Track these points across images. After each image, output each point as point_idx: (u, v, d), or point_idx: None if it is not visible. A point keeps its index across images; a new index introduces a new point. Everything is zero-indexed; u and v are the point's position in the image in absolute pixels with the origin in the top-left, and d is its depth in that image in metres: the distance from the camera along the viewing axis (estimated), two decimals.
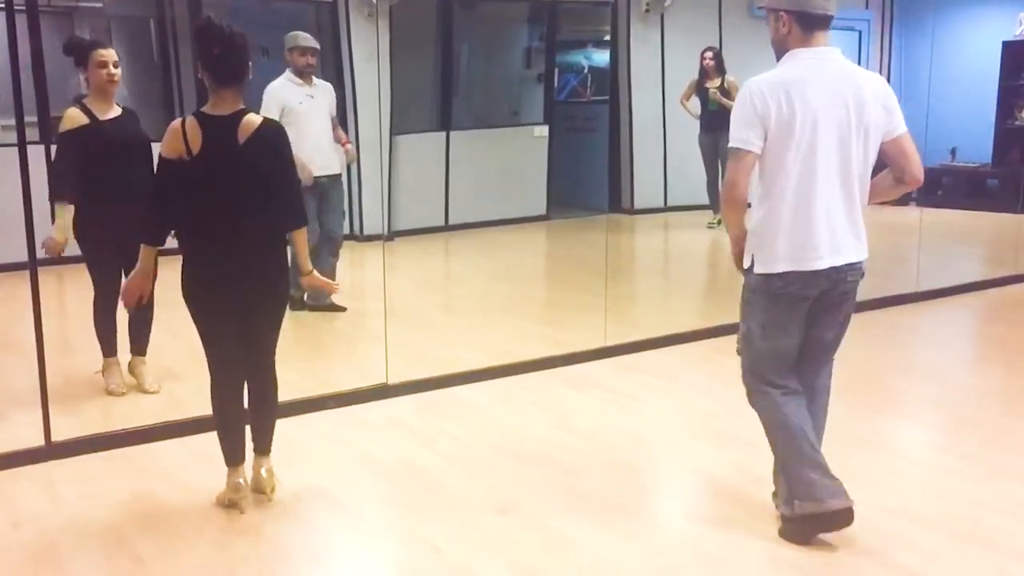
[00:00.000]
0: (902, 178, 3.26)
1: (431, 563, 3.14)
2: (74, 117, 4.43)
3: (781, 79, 3.04)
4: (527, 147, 10.31)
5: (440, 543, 3.24)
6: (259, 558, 3.21)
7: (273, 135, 3.37)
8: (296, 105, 5.85)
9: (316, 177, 5.87)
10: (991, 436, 4.24)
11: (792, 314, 3.15)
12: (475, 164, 9.84)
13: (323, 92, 6.08)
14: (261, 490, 3.56)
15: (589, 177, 10.93)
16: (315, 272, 3.63)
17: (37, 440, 3.98)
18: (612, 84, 10.89)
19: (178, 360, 4.96)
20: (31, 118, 6.72)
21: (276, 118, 5.65)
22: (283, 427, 4.22)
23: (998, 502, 3.54)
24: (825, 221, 3.07)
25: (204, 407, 4.15)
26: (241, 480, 3.50)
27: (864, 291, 3.41)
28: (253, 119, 3.33)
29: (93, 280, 4.59)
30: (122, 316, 4.58)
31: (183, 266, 3.40)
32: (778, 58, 3.14)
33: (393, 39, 8.91)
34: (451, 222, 9.73)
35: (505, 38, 11.30)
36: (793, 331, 3.18)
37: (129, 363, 4.76)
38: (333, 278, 6.00)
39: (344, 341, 6.03)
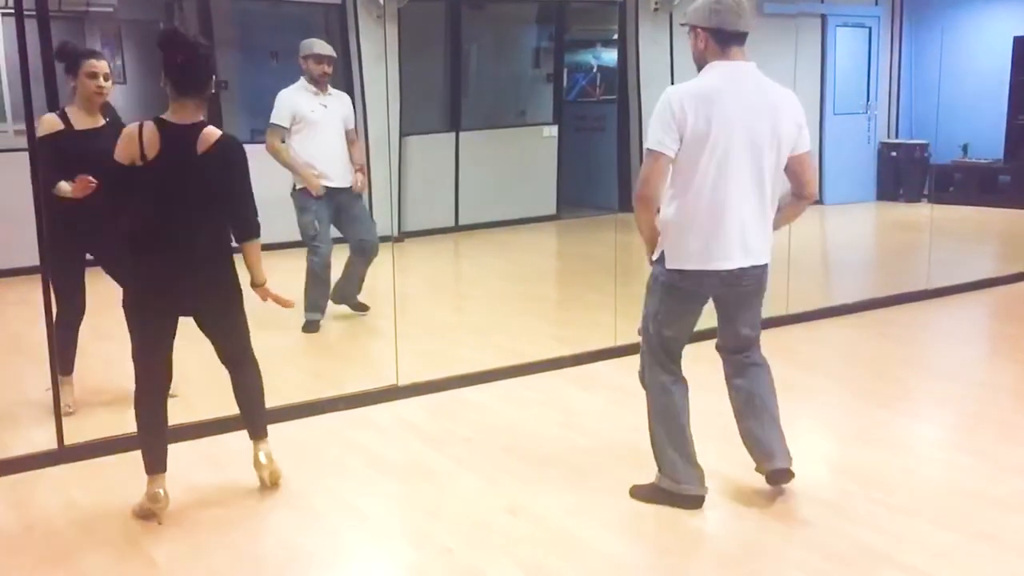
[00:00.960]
0: (801, 192, 3.43)
1: (442, 564, 3.14)
2: (49, 123, 4.30)
3: (699, 88, 3.21)
4: (536, 147, 10.32)
5: (451, 544, 3.25)
6: (271, 560, 3.23)
7: (232, 148, 3.39)
8: (309, 113, 5.74)
9: (328, 187, 5.74)
10: (1004, 433, 4.22)
11: (685, 306, 3.38)
12: (485, 164, 9.85)
13: (339, 102, 5.93)
14: (262, 477, 3.63)
15: (599, 176, 10.93)
16: (267, 285, 3.59)
17: (50, 444, 4.00)
18: (621, 83, 10.88)
19: (188, 364, 4.97)
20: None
21: (287, 125, 5.69)
22: (293, 429, 4.25)
23: (1011, 499, 3.53)
24: (737, 224, 3.23)
25: (215, 410, 4.21)
26: (160, 491, 3.43)
27: (875, 287, 3.45)
28: (213, 131, 3.35)
29: (56, 291, 4.31)
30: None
31: (131, 272, 3.43)
32: (699, 71, 3.31)
33: (402, 40, 8.92)
34: (461, 222, 9.74)
35: (514, 38, 11.31)
36: (687, 322, 3.41)
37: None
38: (361, 285, 6.09)
39: (354, 342, 6.05)
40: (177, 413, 4.37)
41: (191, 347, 3.62)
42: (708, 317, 3.53)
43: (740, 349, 3.54)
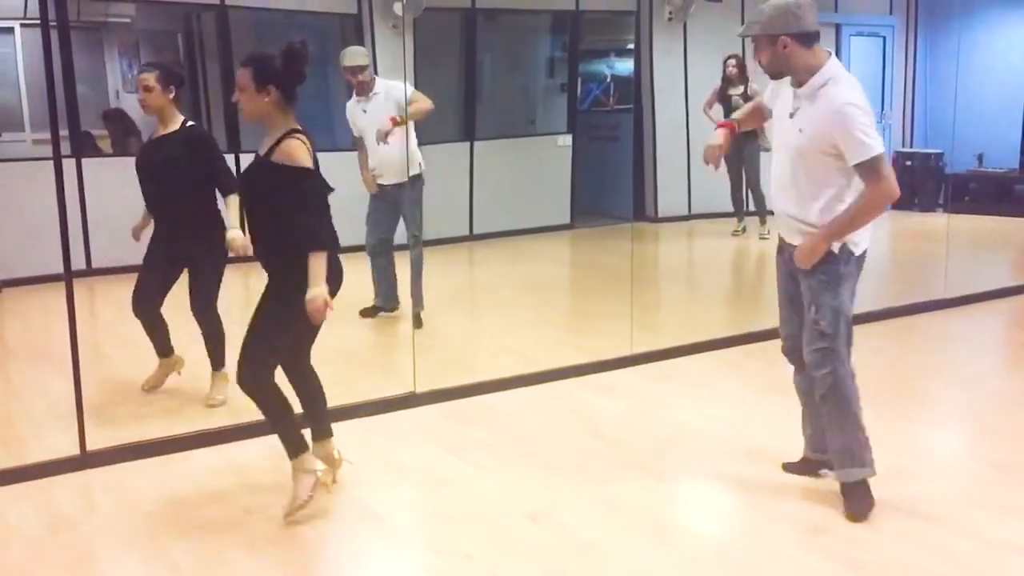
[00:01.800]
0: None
1: (463, 570, 3.15)
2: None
3: (860, 90, 3.30)
4: (551, 156, 10.33)
5: (472, 550, 3.26)
6: (293, 565, 3.24)
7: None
8: (360, 120, 6.09)
9: (382, 185, 6.11)
10: (1022, 442, 4.20)
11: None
12: (499, 174, 9.87)
13: (382, 98, 6.05)
14: (335, 474, 3.78)
15: (613, 186, 10.93)
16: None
17: (73, 449, 4.03)
18: (635, 92, 10.90)
19: (207, 368, 5.02)
20: (62, 132, 6.83)
21: (356, 134, 6.18)
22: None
23: None
24: None
25: (236, 417, 4.23)
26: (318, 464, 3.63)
27: (893, 297, 3.47)
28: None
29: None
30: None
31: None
32: (776, 76, 3.41)
33: (417, 50, 8.96)
34: (476, 231, 9.75)
35: (528, 48, 11.34)
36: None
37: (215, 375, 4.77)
38: (418, 283, 6.16)
39: (372, 350, 6.07)
40: (198, 419, 4.42)
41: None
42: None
43: (810, 341, 3.51)
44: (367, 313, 6.32)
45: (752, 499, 3.62)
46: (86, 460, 4.02)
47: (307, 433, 3.69)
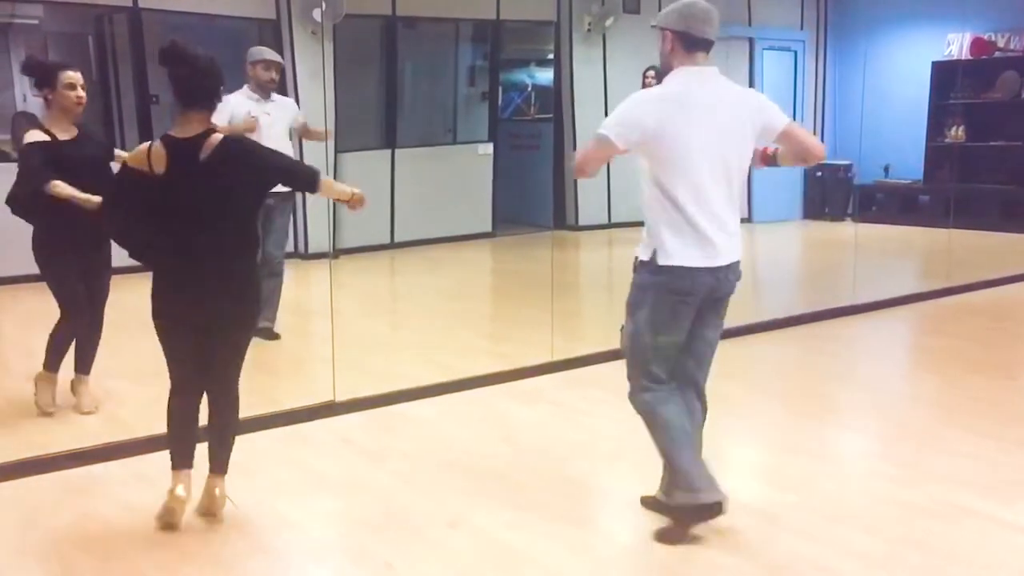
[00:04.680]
0: (808, 159, 3.55)
1: None
2: (36, 134, 4.36)
3: (666, 93, 3.30)
4: (472, 164, 10.36)
5: (391, 559, 3.24)
6: None
7: (232, 144, 3.43)
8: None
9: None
10: (926, 443, 4.36)
11: (679, 308, 3.30)
12: (420, 181, 9.86)
13: (282, 109, 5.94)
14: (212, 511, 3.52)
15: (534, 194, 11.01)
16: (355, 191, 3.82)
17: None
18: (556, 102, 11.01)
19: (120, 381, 4.89)
20: None
21: (225, 125, 5.57)
22: (240, 443, 4.19)
23: (934, 506, 3.65)
24: (716, 220, 3.28)
25: (146, 428, 4.13)
26: (181, 488, 3.45)
27: (803, 303, 3.54)
28: (216, 137, 3.37)
29: (61, 305, 4.49)
30: None
31: (153, 286, 3.43)
32: (664, 73, 3.39)
33: (337, 57, 8.90)
34: (397, 239, 9.72)
35: (449, 56, 11.35)
36: (682, 326, 3.35)
37: (71, 381, 4.66)
38: (276, 303, 5.98)
39: (290, 359, 5.99)
40: (105, 431, 4.30)
41: (124, 365, 3.55)
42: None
43: (698, 366, 3.45)
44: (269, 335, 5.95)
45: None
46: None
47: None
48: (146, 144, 3.37)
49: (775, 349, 6.11)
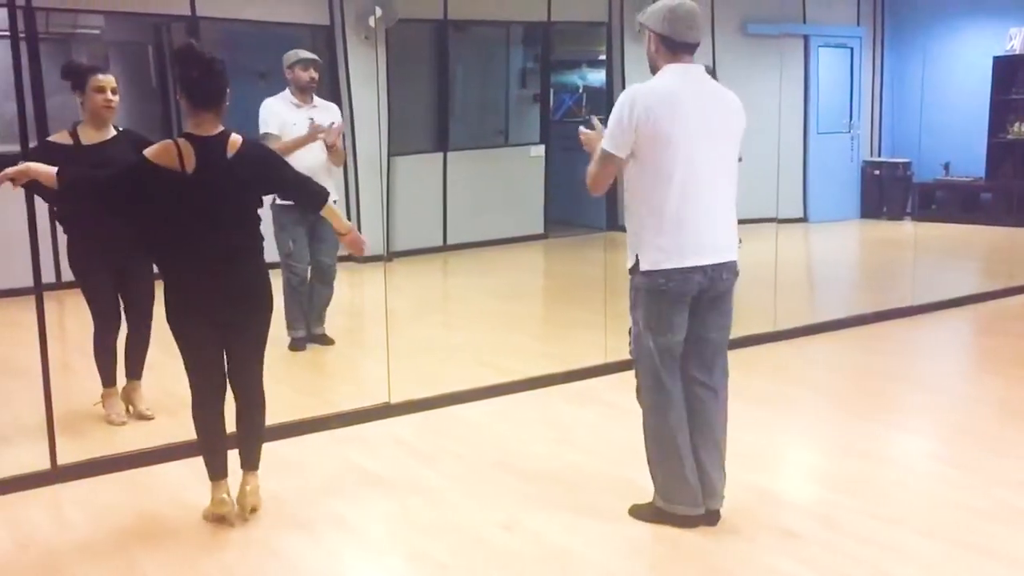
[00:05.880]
0: None
1: None
2: (59, 136, 4.44)
3: (656, 89, 3.30)
4: (524, 167, 10.38)
5: (445, 560, 3.27)
6: None
7: (255, 147, 3.56)
8: (291, 127, 5.66)
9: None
10: (987, 445, 4.27)
11: (673, 308, 3.32)
12: (472, 184, 9.90)
13: (325, 113, 5.82)
14: (243, 508, 3.58)
15: (586, 196, 10.86)
16: (353, 229, 3.82)
17: (43, 464, 4.00)
18: (608, 103, 10.96)
19: (180, 379, 4.98)
20: (31, 144, 6.76)
21: (277, 132, 5.58)
22: (287, 446, 4.27)
23: (995, 510, 3.58)
24: (708, 219, 3.29)
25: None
26: (225, 495, 3.54)
27: (860, 304, 3.49)
28: (237, 138, 3.45)
29: (92, 312, 4.57)
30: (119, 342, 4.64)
31: (168, 288, 3.47)
32: (652, 71, 3.40)
33: (389, 61, 8.99)
34: (449, 242, 9.77)
35: (500, 59, 11.39)
36: (678, 325, 3.36)
37: (124, 388, 4.73)
38: (324, 311, 5.99)
39: (346, 361, 6.06)
40: (168, 431, 4.40)
41: (179, 362, 3.62)
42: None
43: (703, 365, 3.43)
44: (300, 346, 5.88)
45: (727, 504, 3.64)
46: (57, 474, 3.99)
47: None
48: (168, 142, 3.37)
49: (832, 350, 6.03)
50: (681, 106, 3.24)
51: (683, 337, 3.38)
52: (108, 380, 4.67)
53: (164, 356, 4.87)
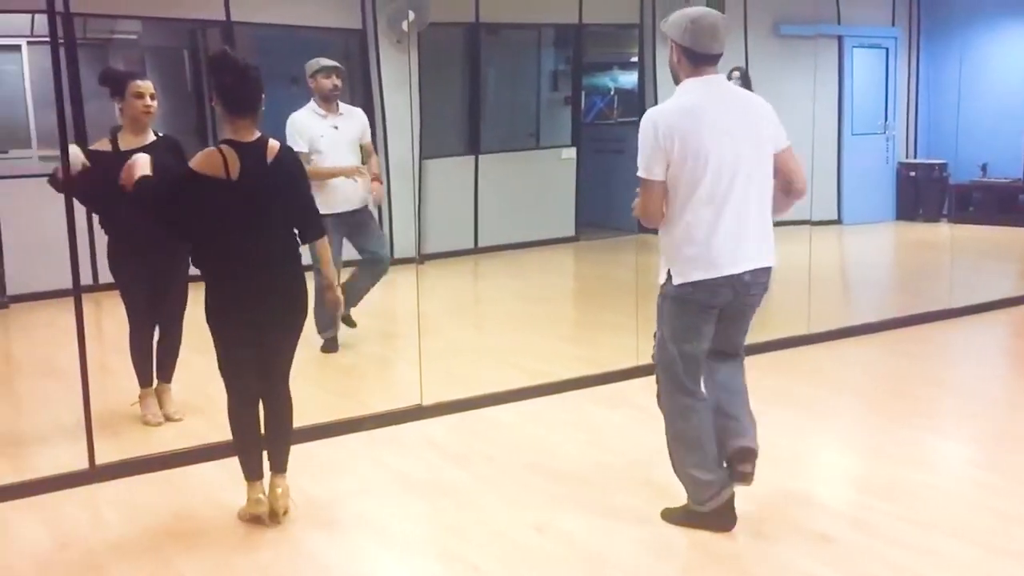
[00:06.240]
0: (790, 188, 3.43)
1: None
2: (99, 144, 4.52)
3: (679, 107, 3.29)
4: (555, 169, 10.37)
5: (478, 561, 3.28)
6: None
7: (291, 154, 3.63)
8: (319, 139, 5.64)
9: (338, 213, 5.58)
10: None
11: (700, 318, 3.34)
12: (504, 187, 9.91)
13: (350, 120, 5.83)
14: (275, 510, 3.60)
15: (618, 198, 10.88)
16: (335, 287, 3.87)
17: (81, 464, 4.06)
18: (639, 105, 10.94)
19: (213, 381, 5.03)
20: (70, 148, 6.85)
21: (305, 149, 5.51)
22: (320, 447, 4.30)
23: None
24: (737, 230, 3.27)
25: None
26: (261, 495, 3.58)
27: (895, 307, 3.46)
28: (274, 143, 3.53)
29: (128, 313, 4.63)
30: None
31: (209, 290, 3.50)
32: (675, 81, 3.40)
33: (421, 65, 9.02)
34: (480, 244, 9.79)
35: (532, 62, 11.39)
36: (704, 334, 3.39)
37: (155, 390, 4.77)
38: (360, 299, 5.99)
39: (378, 363, 6.09)
40: (204, 432, 4.45)
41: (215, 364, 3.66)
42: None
43: (729, 354, 3.54)
44: (332, 347, 5.93)
45: (758, 508, 3.62)
46: (95, 474, 4.04)
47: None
48: (212, 150, 3.42)
49: (866, 353, 5.97)
50: (704, 118, 3.22)
51: (707, 346, 3.40)
52: (145, 381, 4.72)
53: (197, 357, 4.94)
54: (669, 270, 3.34)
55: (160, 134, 4.64)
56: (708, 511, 3.40)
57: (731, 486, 3.41)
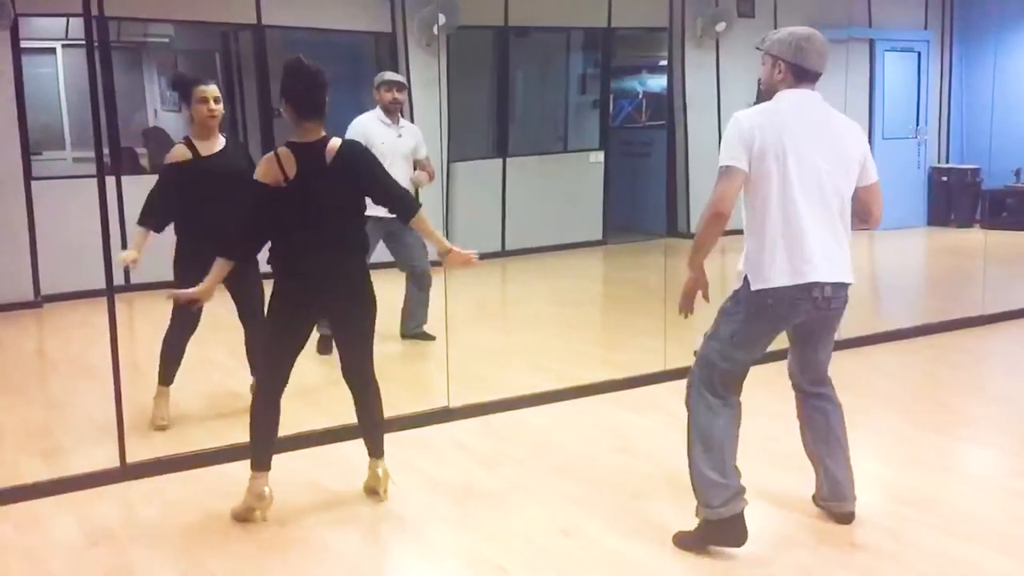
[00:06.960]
0: (866, 219, 3.50)
1: None
2: (179, 152, 4.51)
3: (767, 113, 3.29)
4: (583, 172, 10.37)
5: (505, 564, 3.28)
6: None
7: (354, 147, 3.70)
8: (379, 144, 5.73)
9: (379, 217, 5.78)
10: None
11: (768, 328, 3.36)
12: (531, 190, 9.92)
13: (410, 134, 6.13)
14: (376, 489, 3.79)
15: (646, 202, 10.93)
16: (453, 248, 4.02)
17: (113, 462, 4.10)
18: (668, 108, 10.92)
19: (244, 383, 5.07)
20: (103, 150, 6.94)
21: None
22: (347, 449, 4.31)
23: None
24: (815, 241, 3.25)
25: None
26: (266, 488, 3.63)
27: (930, 314, 3.44)
28: (336, 141, 3.60)
29: (174, 311, 4.60)
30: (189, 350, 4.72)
31: (275, 284, 3.63)
32: (766, 96, 3.40)
33: (450, 67, 9.04)
34: (508, 248, 9.79)
35: (560, 65, 11.40)
36: (762, 346, 3.41)
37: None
38: (425, 312, 6.22)
39: (406, 365, 6.11)
40: (235, 432, 4.47)
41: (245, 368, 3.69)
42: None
43: (816, 381, 3.54)
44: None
45: (785, 514, 3.60)
46: (126, 472, 4.08)
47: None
48: (271, 155, 3.55)
49: (898, 360, 5.91)
50: (792, 126, 3.23)
51: (757, 360, 3.39)
52: (165, 379, 4.73)
53: (230, 359, 4.99)
54: (747, 276, 3.32)
55: (225, 135, 4.70)
56: (719, 519, 3.29)
57: (744, 496, 3.32)
